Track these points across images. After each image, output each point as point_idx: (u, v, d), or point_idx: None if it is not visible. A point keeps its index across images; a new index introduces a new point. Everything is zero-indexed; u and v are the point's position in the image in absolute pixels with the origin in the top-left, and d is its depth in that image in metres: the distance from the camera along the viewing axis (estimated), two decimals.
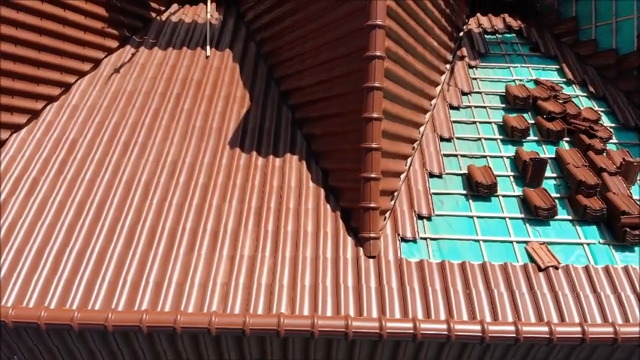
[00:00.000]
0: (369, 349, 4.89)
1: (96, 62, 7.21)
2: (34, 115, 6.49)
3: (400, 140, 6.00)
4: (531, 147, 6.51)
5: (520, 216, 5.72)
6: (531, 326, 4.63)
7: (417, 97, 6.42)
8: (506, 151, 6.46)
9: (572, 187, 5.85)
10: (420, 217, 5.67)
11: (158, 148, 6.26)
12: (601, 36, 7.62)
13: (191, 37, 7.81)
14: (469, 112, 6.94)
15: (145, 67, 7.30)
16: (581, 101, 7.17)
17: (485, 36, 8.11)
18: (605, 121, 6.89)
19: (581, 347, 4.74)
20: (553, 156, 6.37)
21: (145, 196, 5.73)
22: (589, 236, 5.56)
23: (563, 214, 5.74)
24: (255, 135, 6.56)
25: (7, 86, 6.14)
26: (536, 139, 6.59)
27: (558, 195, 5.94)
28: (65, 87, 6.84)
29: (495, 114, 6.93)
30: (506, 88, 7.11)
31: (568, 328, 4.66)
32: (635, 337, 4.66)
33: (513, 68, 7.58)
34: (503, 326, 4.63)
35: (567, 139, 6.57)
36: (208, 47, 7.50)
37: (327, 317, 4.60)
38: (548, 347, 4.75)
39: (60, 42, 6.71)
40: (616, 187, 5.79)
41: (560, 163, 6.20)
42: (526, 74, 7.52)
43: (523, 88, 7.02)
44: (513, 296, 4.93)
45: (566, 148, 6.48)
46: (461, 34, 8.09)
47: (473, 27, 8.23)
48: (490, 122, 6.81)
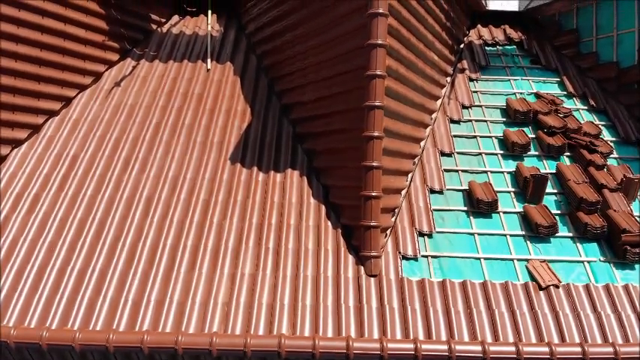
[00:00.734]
0: None
1: (97, 75, 7.22)
2: (34, 129, 6.50)
3: (401, 156, 6.01)
4: (532, 162, 6.51)
5: (521, 233, 5.72)
6: (532, 346, 4.63)
7: (418, 113, 6.42)
8: (507, 166, 6.46)
9: (572, 204, 5.86)
10: (421, 234, 5.67)
11: (159, 164, 6.26)
12: (602, 48, 7.62)
13: (192, 50, 7.81)
14: (470, 126, 6.94)
15: (146, 80, 7.30)
16: (581, 115, 7.17)
17: (486, 48, 8.11)
18: (606, 135, 6.90)
19: None
20: (554, 171, 6.37)
21: (146, 212, 5.74)
22: (590, 254, 5.57)
23: (563, 231, 5.75)
24: (256, 150, 6.56)
25: (7, 102, 6.14)
26: (536, 153, 6.60)
27: (559, 211, 5.95)
28: (66, 101, 6.85)
29: (496, 128, 6.94)
30: (507, 101, 7.12)
31: (568, 348, 4.66)
32: (635, 357, 4.66)
33: (514, 81, 7.58)
34: (503, 347, 4.63)
35: (568, 154, 6.58)
36: (209, 60, 7.50)
37: (328, 338, 4.60)
38: None
39: (60, 56, 6.71)
40: (617, 203, 5.79)
41: (560, 179, 6.21)
42: (527, 87, 7.52)
43: (524, 102, 7.03)
44: (514, 316, 4.93)
45: (566, 163, 6.48)
46: (461, 46, 8.09)
47: (473, 39, 8.23)
48: (491, 136, 6.81)
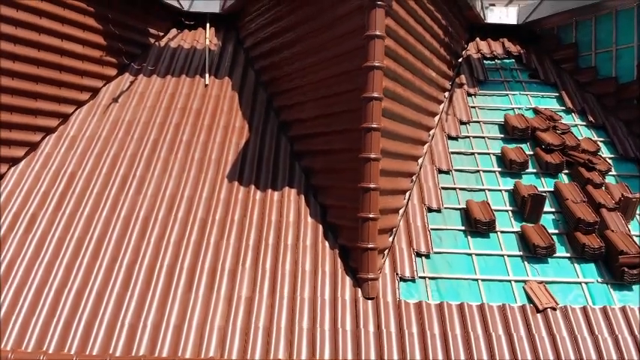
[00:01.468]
0: None
1: (94, 91, 7.20)
2: (32, 147, 6.49)
3: (399, 176, 6.00)
4: (530, 179, 6.50)
5: (518, 253, 5.72)
6: None
7: (416, 131, 6.42)
8: (505, 184, 6.46)
9: (570, 224, 5.85)
10: (418, 254, 5.67)
11: (157, 182, 6.25)
12: (601, 63, 7.60)
13: (190, 64, 7.79)
14: (467, 143, 6.93)
15: (144, 95, 7.28)
16: (580, 130, 7.16)
17: (485, 61, 8.09)
18: (605, 152, 6.89)
19: None
20: (552, 189, 6.36)
21: (144, 232, 5.73)
22: (587, 275, 5.57)
23: (561, 251, 5.75)
24: (253, 167, 6.56)
25: (4, 120, 6.13)
26: (534, 171, 6.59)
27: (557, 231, 5.95)
28: (63, 117, 6.83)
29: (494, 144, 6.93)
30: (505, 118, 7.10)
31: None
32: None
33: (512, 96, 7.57)
34: None
35: (566, 172, 6.57)
36: (207, 75, 7.49)
37: None
38: None
39: (58, 73, 6.70)
40: (614, 223, 5.79)
41: (558, 198, 6.20)
42: (525, 102, 7.51)
43: (522, 119, 7.01)
44: (511, 339, 4.93)
45: (565, 180, 6.47)
46: (460, 60, 8.07)
47: (472, 52, 8.21)
48: (489, 153, 6.81)
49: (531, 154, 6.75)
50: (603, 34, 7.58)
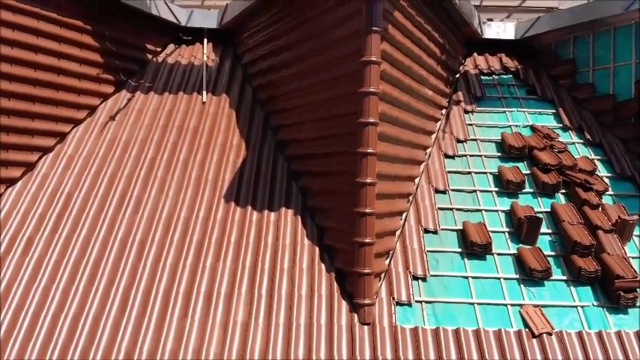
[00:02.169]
0: None
1: (91, 109, 7.19)
2: (29, 167, 6.48)
3: (396, 197, 6.01)
4: (527, 199, 6.51)
5: (515, 276, 5.72)
6: None
7: (412, 151, 6.42)
8: (502, 204, 6.45)
9: (567, 247, 5.85)
10: (415, 277, 5.67)
11: (153, 202, 6.25)
12: (598, 80, 7.59)
13: (187, 80, 7.78)
14: (464, 162, 6.93)
15: (141, 113, 7.27)
16: (577, 148, 7.17)
17: (482, 77, 8.09)
18: (602, 170, 6.89)
19: None
20: (548, 209, 6.36)
21: (140, 255, 5.72)
22: (583, 298, 5.57)
23: (557, 274, 5.75)
24: (250, 187, 6.55)
25: (2, 141, 6.12)
26: (531, 191, 6.59)
27: (553, 253, 5.94)
28: (60, 136, 6.83)
29: (491, 163, 6.93)
30: (502, 136, 7.10)
31: None
32: None
33: (509, 113, 7.57)
34: None
35: (563, 191, 6.57)
36: (205, 93, 7.49)
37: None
38: None
39: (54, 92, 6.67)
40: (611, 246, 5.79)
41: (555, 219, 6.20)
42: (522, 119, 7.51)
43: (519, 137, 7.01)
44: None
45: (561, 201, 6.48)
46: (457, 76, 8.06)
47: (469, 68, 8.20)
48: (486, 172, 6.81)
49: (528, 173, 6.75)
50: (601, 51, 7.57)
